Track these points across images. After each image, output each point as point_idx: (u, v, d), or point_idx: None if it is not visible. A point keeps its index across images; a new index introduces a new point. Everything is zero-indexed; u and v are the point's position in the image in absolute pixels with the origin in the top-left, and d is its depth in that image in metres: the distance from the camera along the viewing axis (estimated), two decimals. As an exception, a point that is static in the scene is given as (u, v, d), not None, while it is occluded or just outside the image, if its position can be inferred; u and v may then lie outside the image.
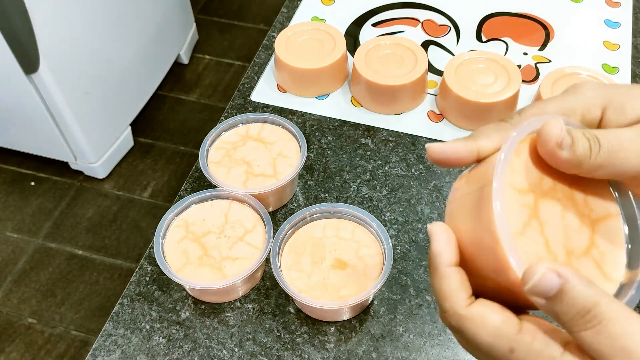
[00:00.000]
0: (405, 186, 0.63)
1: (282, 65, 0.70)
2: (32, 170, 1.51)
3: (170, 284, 0.57)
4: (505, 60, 0.68)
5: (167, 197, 1.47)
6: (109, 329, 0.55)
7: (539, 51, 0.75)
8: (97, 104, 1.36)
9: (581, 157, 0.26)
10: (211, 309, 0.55)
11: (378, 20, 0.80)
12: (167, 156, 1.55)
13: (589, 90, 0.29)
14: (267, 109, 0.71)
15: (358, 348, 0.53)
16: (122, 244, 1.39)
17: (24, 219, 1.43)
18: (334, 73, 0.70)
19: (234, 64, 1.75)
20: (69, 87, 1.25)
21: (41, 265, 1.36)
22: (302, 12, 0.81)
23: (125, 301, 0.56)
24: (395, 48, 0.70)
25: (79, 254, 1.37)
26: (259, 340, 0.53)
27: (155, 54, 1.54)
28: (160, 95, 1.66)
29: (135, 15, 1.41)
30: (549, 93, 0.65)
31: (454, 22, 0.79)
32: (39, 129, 1.33)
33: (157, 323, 0.55)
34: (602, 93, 0.28)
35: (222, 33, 1.83)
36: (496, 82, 0.66)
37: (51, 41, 1.16)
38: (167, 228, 0.55)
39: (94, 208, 1.45)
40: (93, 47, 1.30)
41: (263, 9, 1.88)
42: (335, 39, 0.71)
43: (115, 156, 1.50)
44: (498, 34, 0.77)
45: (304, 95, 0.71)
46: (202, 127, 1.60)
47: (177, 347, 0.53)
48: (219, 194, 0.57)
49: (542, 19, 0.79)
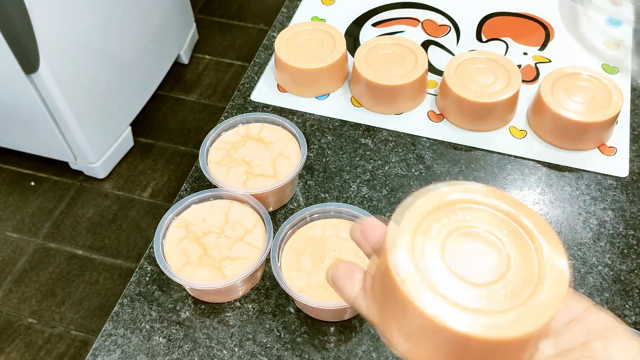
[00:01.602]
0: (405, 186, 0.63)
1: (282, 65, 0.70)
2: (32, 171, 1.51)
3: (170, 284, 0.57)
4: (505, 60, 0.68)
5: (167, 197, 1.47)
6: (109, 329, 0.55)
7: (539, 51, 0.75)
8: (97, 104, 1.36)
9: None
10: (211, 309, 0.55)
11: (378, 20, 0.80)
12: (167, 156, 1.55)
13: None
14: (267, 109, 0.71)
15: (358, 348, 0.53)
16: (122, 244, 1.39)
17: (23, 219, 1.43)
18: (334, 73, 0.70)
19: (234, 64, 1.75)
20: (69, 87, 1.25)
21: (41, 265, 1.36)
22: (302, 12, 0.81)
23: (125, 301, 0.56)
24: (395, 48, 0.70)
25: (79, 254, 1.37)
26: (259, 340, 0.53)
27: (155, 54, 1.54)
28: (160, 95, 1.66)
29: (135, 15, 1.41)
30: (549, 93, 0.65)
31: (454, 22, 0.79)
32: (39, 129, 1.33)
33: (157, 323, 0.55)
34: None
35: (222, 33, 1.83)
36: (496, 82, 0.66)
37: (51, 41, 1.16)
38: (167, 228, 0.55)
39: (94, 208, 1.45)
40: (93, 47, 1.30)
41: (263, 9, 1.88)
42: (335, 38, 0.71)
43: (115, 156, 1.50)
44: (498, 34, 0.77)
45: (304, 95, 0.71)
46: (202, 127, 1.60)
47: (177, 347, 0.53)
48: (219, 194, 0.57)
49: (542, 19, 0.79)
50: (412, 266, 0.26)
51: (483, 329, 0.24)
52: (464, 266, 0.26)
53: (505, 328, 0.24)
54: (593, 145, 0.65)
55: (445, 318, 0.24)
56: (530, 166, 0.65)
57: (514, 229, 0.27)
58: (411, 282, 0.25)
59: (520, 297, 0.25)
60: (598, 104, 0.64)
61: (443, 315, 0.24)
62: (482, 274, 0.26)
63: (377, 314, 0.28)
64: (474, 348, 0.25)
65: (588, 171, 0.64)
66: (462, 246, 0.27)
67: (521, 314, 0.25)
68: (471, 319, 0.24)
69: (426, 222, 0.27)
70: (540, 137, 0.67)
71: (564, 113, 0.63)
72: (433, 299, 0.25)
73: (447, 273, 0.26)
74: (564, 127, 0.64)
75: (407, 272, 0.25)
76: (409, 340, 0.26)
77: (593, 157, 0.65)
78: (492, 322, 0.24)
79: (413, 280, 0.25)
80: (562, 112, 0.63)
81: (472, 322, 0.24)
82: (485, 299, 0.25)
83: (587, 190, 0.63)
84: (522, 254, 0.27)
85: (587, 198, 0.62)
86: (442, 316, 0.24)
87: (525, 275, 0.26)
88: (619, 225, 0.60)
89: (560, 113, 0.63)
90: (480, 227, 0.27)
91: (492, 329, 0.24)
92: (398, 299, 0.25)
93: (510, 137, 0.67)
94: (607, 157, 0.65)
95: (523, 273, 0.26)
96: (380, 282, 0.28)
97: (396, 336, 0.27)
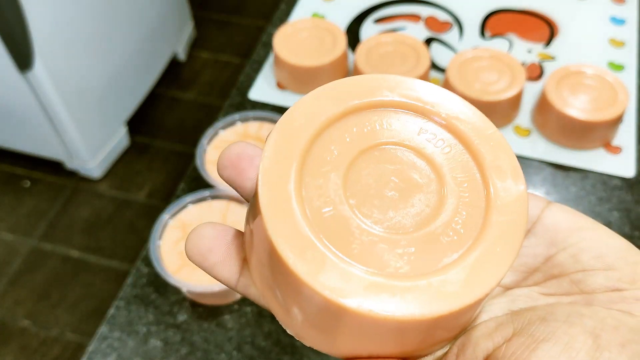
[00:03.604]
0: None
1: (282, 62, 0.69)
2: (26, 171, 1.49)
3: (166, 286, 0.56)
4: (509, 57, 0.66)
5: (163, 197, 1.45)
6: (105, 332, 0.53)
7: (543, 48, 0.74)
8: (92, 102, 1.35)
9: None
10: (209, 311, 0.54)
11: (379, 16, 0.78)
12: (163, 155, 1.53)
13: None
14: (266, 107, 0.69)
15: (360, 352, 0.51)
16: (118, 245, 1.37)
17: (18, 219, 1.42)
18: (335, 70, 0.69)
19: (232, 62, 1.74)
20: (64, 85, 1.24)
21: (36, 266, 1.34)
22: (302, 8, 0.80)
23: (121, 304, 0.55)
24: (397, 45, 0.69)
25: (75, 255, 1.36)
26: (257, 343, 0.52)
27: (151, 52, 1.53)
28: (156, 94, 1.64)
29: (131, 12, 1.39)
30: (554, 91, 0.63)
31: (457, 18, 0.78)
32: (33, 128, 1.32)
33: (154, 326, 0.53)
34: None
35: (220, 30, 1.82)
36: (500, 80, 0.65)
37: (46, 38, 1.15)
38: (163, 229, 0.54)
39: (89, 208, 1.43)
40: (89, 44, 1.28)
41: (262, 5, 1.87)
42: (336, 35, 0.70)
43: (111, 155, 1.49)
44: (502, 30, 0.76)
45: (304, 93, 0.70)
46: (200, 126, 1.58)
47: (174, 351, 0.52)
48: (217, 194, 0.56)
49: (547, 16, 0.78)
50: (301, 223, 0.17)
51: (422, 306, 0.16)
52: (379, 209, 0.18)
53: (450, 298, 0.16)
54: (598, 144, 0.64)
55: (369, 305, 0.16)
56: (535, 166, 0.64)
57: (445, 140, 0.19)
58: (301, 250, 0.16)
59: (463, 244, 0.17)
60: (603, 102, 0.63)
61: (363, 301, 0.16)
62: (406, 216, 0.18)
63: (269, 298, 0.19)
64: (409, 331, 0.17)
65: (594, 171, 0.63)
66: (372, 177, 0.18)
67: (468, 272, 0.17)
68: (402, 295, 0.16)
69: (317, 142, 0.18)
70: (545, 136, 0.65)
71: (569, 112, 0.62)
72: (339, 272, 0.16)
73: (356, 223, 0.17)
74: (569, 125, 0.63)
75: (291, 234, 0.17)
76: (324, 335, 0.18)
77: (599, 156, 0.64)
78: (433, 292, 0.16)
79: (303, 247, 0.16)
80: (567, 111, 0.62)
81: (405, 299, 0.16)
82: (415, 257, 0.17)
83: (593, 190, 0.62)
84: (459, 177, 0.18)
85: (592, 198, 0.61)
86: (364, 304, 0.16)
87: (467, 211, 0.18)
88: (624, 226, 0.59)
89: (566, 112, 0.62)
90: (395, 142, 0.19)
91: (434, 302, 0.16)
92: (286, 279, 0.17)
93: (514, 136, 0.66)
94: (612, 156, 0.64)
95: (463, 208, 0.18)
96: (260, 248, 0.18)
97: (302, 328, 0.18)
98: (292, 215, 0.17)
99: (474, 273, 0.17)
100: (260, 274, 0.19)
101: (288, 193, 0.17)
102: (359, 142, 0.19)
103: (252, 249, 0.19)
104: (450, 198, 0.18)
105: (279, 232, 0.17)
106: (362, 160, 0.18)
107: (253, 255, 0.19)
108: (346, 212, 0.18)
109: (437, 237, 0.17)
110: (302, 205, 0.17)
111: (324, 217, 0.17)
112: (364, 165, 0.18)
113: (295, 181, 0.18)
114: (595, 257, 0.19)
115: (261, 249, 0.18)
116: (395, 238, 0.17)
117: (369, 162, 0.18)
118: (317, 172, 0.18)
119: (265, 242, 0.17)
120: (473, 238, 0.17)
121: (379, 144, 0.19)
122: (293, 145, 0.18)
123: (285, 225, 0.17)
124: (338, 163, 0.18)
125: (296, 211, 0.17)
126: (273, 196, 0.17)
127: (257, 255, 0.19)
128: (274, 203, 0.17)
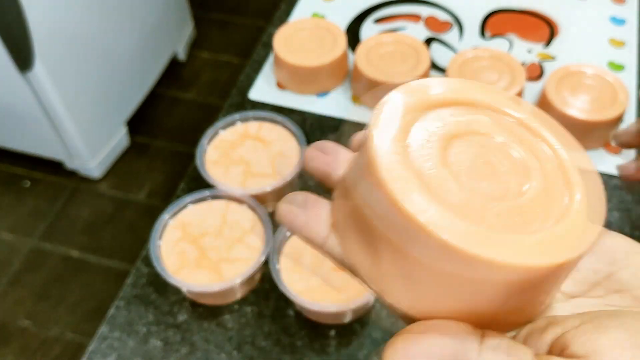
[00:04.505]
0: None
1: (282, 62, 0.69)
2: (26, 171, 1.50)
3: (166, 286, 0.56)
4: (509, 57, 0.66)
5: (163, 197, 1.45)
6: (105, 331, 0.53)
7: (543, 48, 0.74)
8: (92, 103, 1.35)
9: None
10: (209, 311, 0.54)
11: (379, 16, 0.78)
12: (163, 155, 1.53)
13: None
14: (266, 107, 0.69)
15: (359, 352, 0.52)
16: (118, 245, 1.37)
17: (18, 219, 1.42)
18: (335, 70, 0.69)
19: (232, 62, 1.74)
20: (64, 85, 1.24)
21: (36, 266, 1.34)
22: (302, 8, 0.80)
23: (121, 304, 0.55)
24: (397, 45, 0.69)
25: (75, 255, 1.36)
26: (257, 343, 0.52)
27: (152, 51, 1.53)
28: (157, 94, 1.64)
29: (131, 12, 1.39)
30: (554, 91, 0.63)
31: (457, 18, 0.78)
32: (33, 128, 1.32)
33: (154, 326, 0.53)
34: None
35: (220, 30, 1.82)
36: (500, 80, 0.65)
37: (46, 38, 1.15)
38: (163, 229, 0.54)
39: (89, 208, 1.43)
40: (89, 44, 1.28)
41: (262, 5, 1.87)
42: (336, 35, 0.70)
43: (111, 155, 1.49)
44: (502, 30, 0.76)
45: (304, 93, 0.70)
46: (200, 126, 1.58)
47: (174, 351, 0.52)
48: (217, 194, 0.56)
49: (547, 16, 0.78)
50: (409, 174, 0.19)
51: (542, 255, 0.17)
52: (476, 180, 0.19)
53: (563, 248, 0.18)
54: (599, 144, 0.64)
55: (490, 253, 0.17)
56: (534, 165, 0.64)
57: (527, 137, 0.21)
58: (419, 204, 0.18)
59: (552, 217, 0.19)
60: (604, 102, 0.63)
61: (484, 249, 0.17)
62: (500, 188, 0.19)
63: (359, 255, 0.21)
64: (514, 284, 0.18)
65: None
66: (469, 155, 0.20)
67: (567, 230, 0.18)
68: (520, 245, 0.17)
69: (417, 125, 0.20)
70: (545, 136, 0.65)
71: (569, 111, 0.62)
72: (460, 225, 0.17)
73: (457, 187, 0.19)
74: (569, 125, 0.62)
75: (408, 189, 0.18)
76: (415, 287, 0.19)
77: (599, 156, 0.64)
78: (548, 243, 0.18)
79: (421, 202, 0.18)
80: (567, 111, 0.62)
81: (529, 248, 0.17)
82: (517, 218, 0.19)
83: (593, 190, 0.62)
84: (543, 165, 0.21)
85: (593, 198, 0.61)
86: (485, 251, 0.17)
87: (553, 190, 0.20)
88: (624, 227, 0.59)
89: (566, 112, 0.62)
90: (487, 133, 0.21)
91: (550, 252, 0.17)
92: (403, 227, 0.18)
93: (514, 136, 0.66)
94: (612, 156, 0.64)
95: (549, 187, 0.20)
96: (365, 201, 0.20)
97: (393, 285, 0.20)
98: (407, 173, 0.19)
99: (573, 230, 0.18)
100: (357, 229, 0.20)
101: (402, 149, 0.19)
102: (466, 125, 0.21)
103: (348, 208, 0.21)
104: (543, 184, 0.20)
105: (397, 189, 0.18)
106: (465, 140, 0.20)
107: (349, 214, 0.21)
108: (447, 175, 0.19)
109: (531, 208, 0.19)
110: (412, 167, 0.19)
111: (431, 176, 0.19)
112: (467, 143, 0.20)
113: (403, 139, 0.20)
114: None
115: (369, 202, 0.19)
116: (492, 204, 0.19)
117: (472, 141, 0.21)
118: (423, 140, 0.20)
119: (380, 194, 0.18)
120: (561, 214, 0.19)
121: (484, 133, 0.21)
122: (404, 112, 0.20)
123: (403, 184, 0.18)
124: (443, 134, 0.20)
125: (410, 172, 0.19)
126: (386, 156, 0.19)
127: (355, 212, 0.20)
128: (388, 165, 0.19)
